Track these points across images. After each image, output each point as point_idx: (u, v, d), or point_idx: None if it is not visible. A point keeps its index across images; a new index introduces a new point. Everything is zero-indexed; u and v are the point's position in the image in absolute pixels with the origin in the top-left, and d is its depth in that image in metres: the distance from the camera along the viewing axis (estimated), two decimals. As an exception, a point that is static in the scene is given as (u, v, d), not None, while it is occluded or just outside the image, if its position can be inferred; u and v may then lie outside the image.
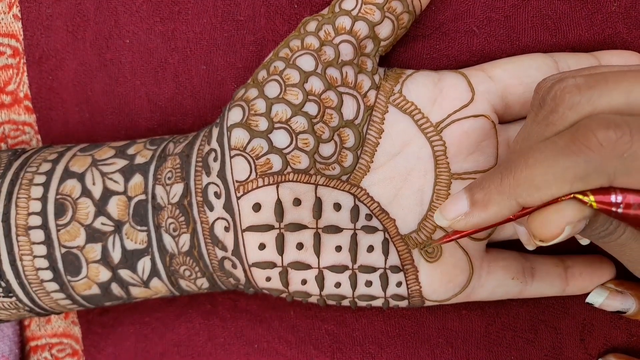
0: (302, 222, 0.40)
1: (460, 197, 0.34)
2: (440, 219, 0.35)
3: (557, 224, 0.32)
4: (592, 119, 0.30)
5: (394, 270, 0.41)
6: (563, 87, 0.32)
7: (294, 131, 0.40)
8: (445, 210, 0.34)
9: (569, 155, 0.30)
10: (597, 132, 0.30)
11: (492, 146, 0.41)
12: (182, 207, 0.41)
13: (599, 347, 0.45)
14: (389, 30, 0.41)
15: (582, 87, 0.31)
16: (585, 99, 0.31)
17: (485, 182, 0.33)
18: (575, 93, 0.31)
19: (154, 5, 0.46)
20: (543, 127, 0.32)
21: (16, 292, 0.43)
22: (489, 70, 0.42)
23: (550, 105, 0.32)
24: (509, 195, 0.32)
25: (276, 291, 0.42)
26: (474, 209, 0.33)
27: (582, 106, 0.31)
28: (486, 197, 0.33)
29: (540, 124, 0.33)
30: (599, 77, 0.31)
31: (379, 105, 0.41)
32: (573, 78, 0.32)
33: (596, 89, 0.31)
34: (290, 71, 0.40)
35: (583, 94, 0.31)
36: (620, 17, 0.42)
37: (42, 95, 0.49)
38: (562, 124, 0.32)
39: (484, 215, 0.33)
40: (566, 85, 0.32)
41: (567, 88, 0.31)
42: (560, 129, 0.32)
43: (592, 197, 0.31)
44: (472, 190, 0.34)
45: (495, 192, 0.33)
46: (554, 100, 0.32)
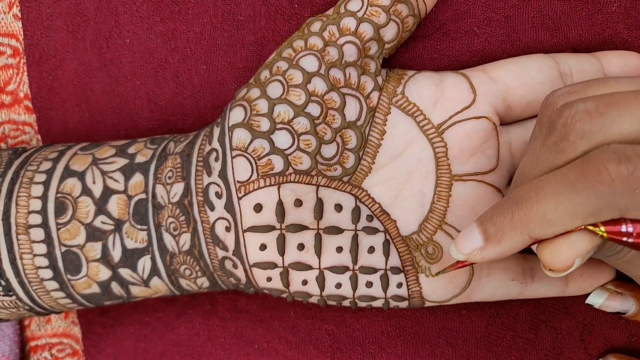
0: (303, 223, 0.41)
1: (473, 231, 0.34)
2: (456, 254, 0.35)
3: (567, 257, 0.32)
4: (603, 151, 0.30)
5: (395, 272, 0.41)
6: (574, 113, 0.31)
7: (296, 132, 0.40)
8: (460, 246, 0.35)
9: (581, 190, 0.30)
10: (609, 166, 0.30)
11: (493, 148, 0.41)
12: (182, 207, 0.41)
13: (599, 348, 0.45)
14: (394, 33, 0.41)
15: (593, 114, 0.31)
16: (597, 128, 0.31)
17: (496, 216, 0.33)
18: (586, 121, 0.31)
19: (154, 5, 0.46)
20: (553, 154, 0.32)
21: (16, 291, 0.43)
22: (490, 72, 0.42)
23: (560, 132, 0.32)
24: (521, 231, 0.32)
25: (277, 291, 0.42)
26: (488, 244, 0.34)
27: (593, 135, 0.31)
28: (499, 232, 0.33)
29: (550, 150, 0.32)
30: (610, 101, 0.31)
31: (382, 106, 0.41)
32: (583, 103, 0.31)
33: (607, 116, 0.31)
34: (293, 71, 0.40)
35: (594, 122, 0.31)
36: (620, 17, 0.42)
37: (42, 95, 0.49)
38: (572, 153, 0.32)
39: (498, 250, 0.34)
40: (577, 112, 0.31)
41: (578, 115, 0.31)
42: (571, 158, 0.32)
43: (603, 228, 0.31)
44: (484, 225, 0.34)
45: (508, 228, 0.33)
46: (565, 128, 0.32)
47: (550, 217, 0.31)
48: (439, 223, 0.41)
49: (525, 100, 0.41)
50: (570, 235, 0.32)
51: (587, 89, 0.34)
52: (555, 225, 0.31)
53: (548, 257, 0.33)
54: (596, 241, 0.32)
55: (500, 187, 0.42)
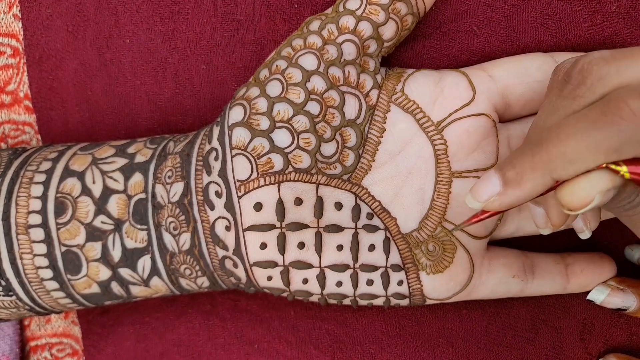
0: (303, 222, 0.40)
1: (491, 177, 0.33)
2: (472, 202, 0.34)
3: (588, 193, 0.31)
4: (623, 90, 0.30)
5: (395, 269, 0.41)
6: (590, 60, 0.31)
7: (296, 130, 0.40)
8: (477, 193, 0.34)
9: (602, 126, 0.30)
10: (630, 102, 0.30)
11: (492, 145, 0.41)
12: (182, 206, 0.41)
13: (599, 347, 0.45)
14: (393, 32, 0.41)
15: (609, 59, 0.31)
16: (614, 70, 0.31)
17: (516, 159, 0.33)
18: (603, 64, 0.31)
19: (154, 5, 0.46)
20: (570, 100, 0.32)
21: (16, 291, 0.43)
22: (489, 70, 0.42)
23: (577, 79, 0.32)
24: (543, 171, 0.32)
25: (277, 290, 0.42)
26: (507, 187, 0.33)
27: (610, 77, 0.31)
28: (519, 175, 0.32)
29: (567, 98, 0.32)
30: (625, 50, 0.31)
31: (381, 104, 0.41)
32: (599, 52, 0.32)
33: (623, 60, 0.31)
34: (293, 70, 0.40)
35: (611, 65, 0.31)
36: (620, 17, 0.42)
37: (42, 95, 0.49)
38: (590, 97, 0.32)
39: (518, 193, 0.33)
40: (593, 58, 0.31)
41: (595, 60, 0.31)
42: (589, 102, 0.32)
43: (625, 168, 0.31)
44: (503, 169, 0.33)
45: (529, 169, 0.32)
46: (581, 73, 0.32)
47: (573, 155, 0.31)
48: (439, 220, 0.41)
49: (524, 98, 0.41)
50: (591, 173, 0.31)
51: None
52: (578, 162, 0.31)
53: (567, 194, 0.32)
54: (617, 180, 0.31)
55: None
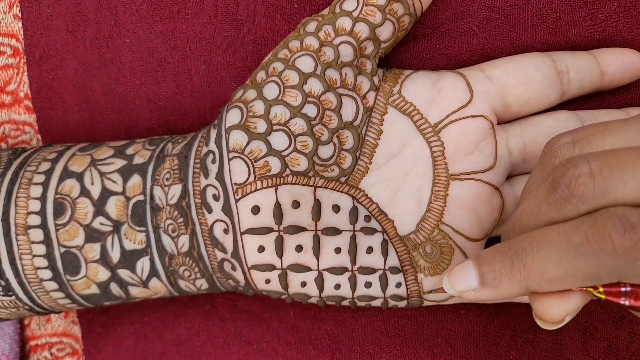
0: (301, 225, 0.40)
1: (469, 271, 0.34)
2: (449, 289, 0.35)
3: (559, 313, 0.33)
4: (609, 218, 0.30)
5: (393, 271, 0.41)
6: (577, 175, 0.31)
7: (293, 133, 0.39)
8: (454, 282, 0.35)
9: (583, 255, 0.30)
10: (613, 235, 0.29)
11: (490, 146, 0.41)
12: (180, 209, 0.41)
13: (601, 349, 0.45)
14: (390, 32, 0.41)
15: (596, 178, 0.30)
16: (600, 192, 0.30)
17: (495, 263, 0.33)
18: (589, 185, 0.30)
19: (153, 4, 0.46)
20: (555, 212, 0.32)
21: (15, 291, 0.43)
22: (487, 70, 0.42)
23: (564, 193, 0.31)
24: (519, 283, 0.33)
25: (276, 293, 0.42)
26: (483, 287, 0.34)
27: (596, 199, 0.31)
28: (496, 280, 0.33)
29: (552, 208, 0.32)
30: (614, 163, 0.30)
31: (378, 106, 0.41)
32: (587, 163, 0.31)
33: (611, 180, 0.30)
34: (289, 72, 0.40)
35: (597, 186, 0.30)
36: (621, 16, 0.42)
37: (42, 95, 0.49)
38: (575, 214, 0.31)
39: (493, 295, 0.34)
40: (580, 174, 0.31)
41: (582, 178, 0.31)
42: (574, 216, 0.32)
43: (602, 289, 0.32)
44: (481, 268, 0.34)
45: (506, 278, 0.33)
46: (568, 189, 0.31)
47: (550, 276, 0.31)
48: (436, 222, 0.41)
49: (523, 99, 0.41)
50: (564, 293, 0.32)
51: (591, 137, 0.33)
52: (554, 284, 0.32)
53: (540, 310, 0.33)
54: (589, 297, 0.32)
55: (497, 185, 0.42)
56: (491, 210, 0.41)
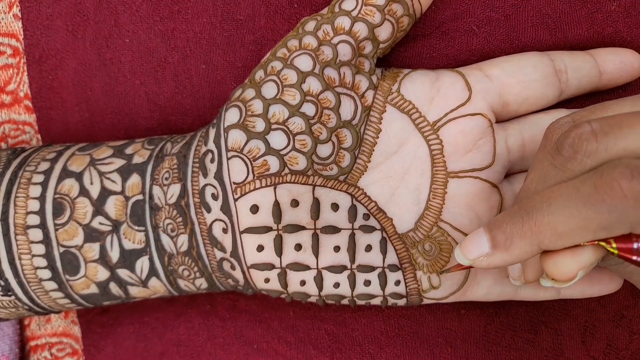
0: (300, 223, 0.40)
1: (481, 237, 0.35)
2: (461, 258, 0.36)
3: (572, 269, 0.33)
4: (615, 166, 0.31)
5: (393, 269, 0.41)
6: (580, 133, 0.32)
7: (292, 132, 0.39)
8: (466, 250, 0.35)
9: (593, 205, 0.31)
10: (621, 182, 0.30)
11: (489, 144, 0.41)
12: (179, 208, 0.41)
13: (601, 349, 0.45)
14: (389, 33, 0.41)
15: (598, 134, 0.31)
16: (603, 146, 0.31)
17: (506, 224, 0.34)
18: (592, 140, 0.31)
19: (153, 4, 0.46)
20: (561, 172, 0.33)
21: (15, 291, 0.43)
22: (486, 69, 0.42)
23: (568, 152, 0.32)
24: (531, 241, 0.33)
25: (275, 292, 0.42)
26: (495, 250, 0.34)
27: (599, 153, 0.31)
28: (508, 241, 0.34)
29: (558, 169, 0.33)
30: (614, 122, 0.32)
31: (377, 105, 0.41)
32: (589, 124, 0.32)
33: (612, 135, 0.31)
34: (288, 71, 0.40)
35: (600, 141, 0.31)
36: (620, 16, 0.42)
37: (42, 94, 0.49)
38: (581, 170, 0.32)
39: (506, 257, 0.34)
40: (583, 132, 0.32)
41: (584, 135, 0.32)
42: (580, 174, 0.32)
43: (615, 245, 0.31)
44: (492, 232, 0.34)
45: (517, 237, 0.33)
46: (572, 147, 0.32)
47: (562, 229, 0.32)
48: (434, 220, 0.41)
49: (521, 97, 0.41)
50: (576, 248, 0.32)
51: (590, 115, 0.34)
52: (566, 238, 0.32)
53: (552, 267, 0.33)
54: (601, 253, 0.32)
55: (496, 183, 0.42)
56: (490, 207, 0.41)
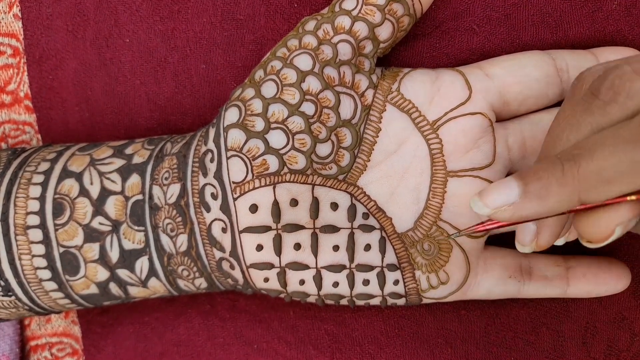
0: (299, 223, 0.40)
1: (509, 183, 0.31)
2: (480, 207, 0.32)
3: (609, 225, 0.30)
4: None
5: (391, 269, 0.41)
6: (621, 74, 0.30)
7: (291, 131, 0.39)
8: (488, 197, 0.31)
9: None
10: None
11: (489, 144, 0.41)
12: (179, 208, 0.41)
13: (602, 350, 0.45)
14: (389, 33, 0.41)
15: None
16: None
17: (542, 172, 0.31)
18: (636, 80, 0.30)
19: (153, 4, 0.46)
20: (599, 117, 0.30)
21: (15, 291, 0.43)
22: (486, 68, 0.42)
23: (607, 94, 0.30)
24: (571, 189, 0.30)
25: (274, 292, 0.42)
26: (526, 199, 0.31)
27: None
28: (544, 189, 0.30)
29: (595, 114, 0.31)
30: None
31: (377, 104, 0.41)
32: (629, 65, 0.30)
33: None
34: (288, 70, 0.40)
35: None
36: (621, 15, 0.42)
37: (43, 94, 0.49)
38: (623, 114, 0.30)
39: (537, 208, 0.31)
40: (624, 72, 0.30)
41: (627, 75, 0.30)
42: (621, 119, 0.30)
43: None
44: (525, 179, 0.31)
45: (556, 184, 0.30)
46: (612, 89, 0.30)
47: (609, 174, 0.29)
48: (434, 219, 0.41)
49: (522, 97, 0.41)
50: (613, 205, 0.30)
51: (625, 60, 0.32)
52: (614, 184, 0.29)
53: (586, 225, 0.31)
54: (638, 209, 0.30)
55: None
56: None
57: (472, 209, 0.32)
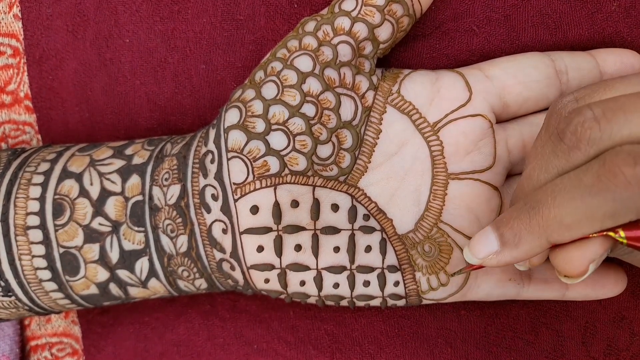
0: (300, 224, 0.40)
1: (489, 235, 0.35)
2: (470, 258, 0.36)
3: (581, 262, 0.33)
4: (617, 154, 0.30)
5: (392, 270, 0.41)
6: (582, 121, 0.32)
7: (292, 133, 0.39)
8: (474, 250, 0.35)
9: (597, 193, 0.31)
10: (624, 169, 0.30)
11: (489, 145, 0.41)
12: (179, 209, 0.41)
13: (601, 350, 0.45)
14: (389, 33, 0.41)
15: (601, 121, 0.31)
16: (607, 135, 0.31)
17: (513, 221, 0.34)
18: (595, 129, 0.31)
19: (153, 4, 0.46)
20: (564, 161, 0.33)
21: (15, 292, 0.43)
22: (486, 70, 0.42)
23: (571, 140, 0.32)
24: (539, 235, 0.33)
25: (275, 292, 0.42)
26: (504, 248, 0.34)
27: (602, 141, 0.31)
28: (516, 237, 0.34)
29: (561, 159, 0.33)
30: (616, 106, 0.31)
31: (377, 105, 0.41)
32: (590, 110, 0.32)
33: (615, 121, 0.31)
34: (288, 72, 0.40)
35: (603, 129, 0.31)
36: (620, 16, 0.42)
37: (43, 95, 0.49)
38: (584, 159, 0.32)
39: (515, 254, 0.34)
40: (585, 120, 0.32)
41: (587, 123, 0.31)
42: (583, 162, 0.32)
43: (623, 234, 0.31)
44: (500, 229, 0.34)
45: (525, 232, 0.33)
46: (575, 136, 0.32)
47: (568, 221, 0.32)
48: (434, 221, 0.41)
49: (522, 98, 0.41)
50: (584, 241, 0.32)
51: (593, 94, 0.34)
52: (574, 229, 0.32)
53: (561, 263, 0.33)
54: (608, 244, 0.32)
55: (497, 185, 0.42)
56: (490, 210, 0.41)
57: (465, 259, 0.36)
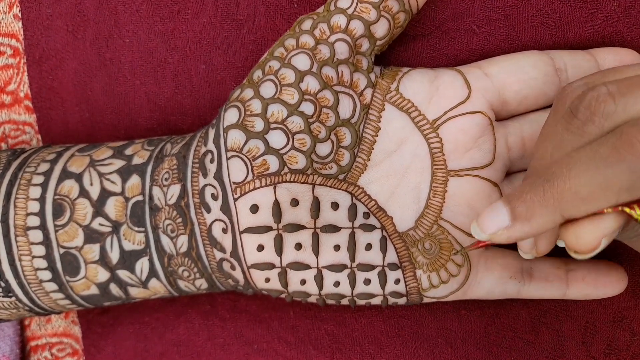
0: (300, 223, 0.40)
1: (499, 209, 0.33)
2: (478, 233, 0.34)
3: (593, 237, 0.32)
4: (632, 126, 0.30)
5: (392, 268, 0.41)
6: (597, 95, 0.31)
7: (290, 131, 0.39)
8: (483, 224, 0.34)
9: (614, 164, 0.30)
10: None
11: (489, 143, 0.41)
12: (179, 209, 0.41)
13: (602, 350, 0.45)
14: (385, 30, 0.41)
15: (615, 96, 0.31)
16: (621, 108, 0.31)
17: (526, 194, 0.32)
18: (610, 102, 0.31)
19: (153, 4, 0.46)
20: (578, 136, 0.32)
21: (15, 292, 0.43)
22: (485, 68, 0.42)
23: (584, 115, 0.32)
24: (553, 209, 0.32)
25: (275, 292, 0.42)
26: (515, 222, 0.32)
27: (617, 115, 0.31)
28: (529, 211, 0.32)
29: (574, 134, 0.32)
30: (630, 83, 0.31)
31: (376, 103, 0.41)
32: (605, 86, 0.31)
33: (630, 95, 0.31)
34: (286, 70, 0.40)
35: (618, 102, 0.31)
36: (620, 16, 0.42)
37: (43, 95, 0.49)
38: (598, 133, 0.31)
39: (527, 229, 0.32)
40: (600, 94, 0.31)
41: (602, 97, 0.31)
42: (598, 137, 0.31)
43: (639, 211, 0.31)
44: (512, 203, 0.33)
45: (539, 205, 0.32)
46: (589, 109, 0.31)
47: (584, 193, 0.31)
48: (434, 219, 0.41)
49: (521, 96, 0.41)
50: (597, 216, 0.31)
51: (603, 78, 0.34)
52: (589, 202, 0.31)
53: (572, 238, 0.32)
54: (622, 220, 0.31)
55: (496, 181, 0.42)
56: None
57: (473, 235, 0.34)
